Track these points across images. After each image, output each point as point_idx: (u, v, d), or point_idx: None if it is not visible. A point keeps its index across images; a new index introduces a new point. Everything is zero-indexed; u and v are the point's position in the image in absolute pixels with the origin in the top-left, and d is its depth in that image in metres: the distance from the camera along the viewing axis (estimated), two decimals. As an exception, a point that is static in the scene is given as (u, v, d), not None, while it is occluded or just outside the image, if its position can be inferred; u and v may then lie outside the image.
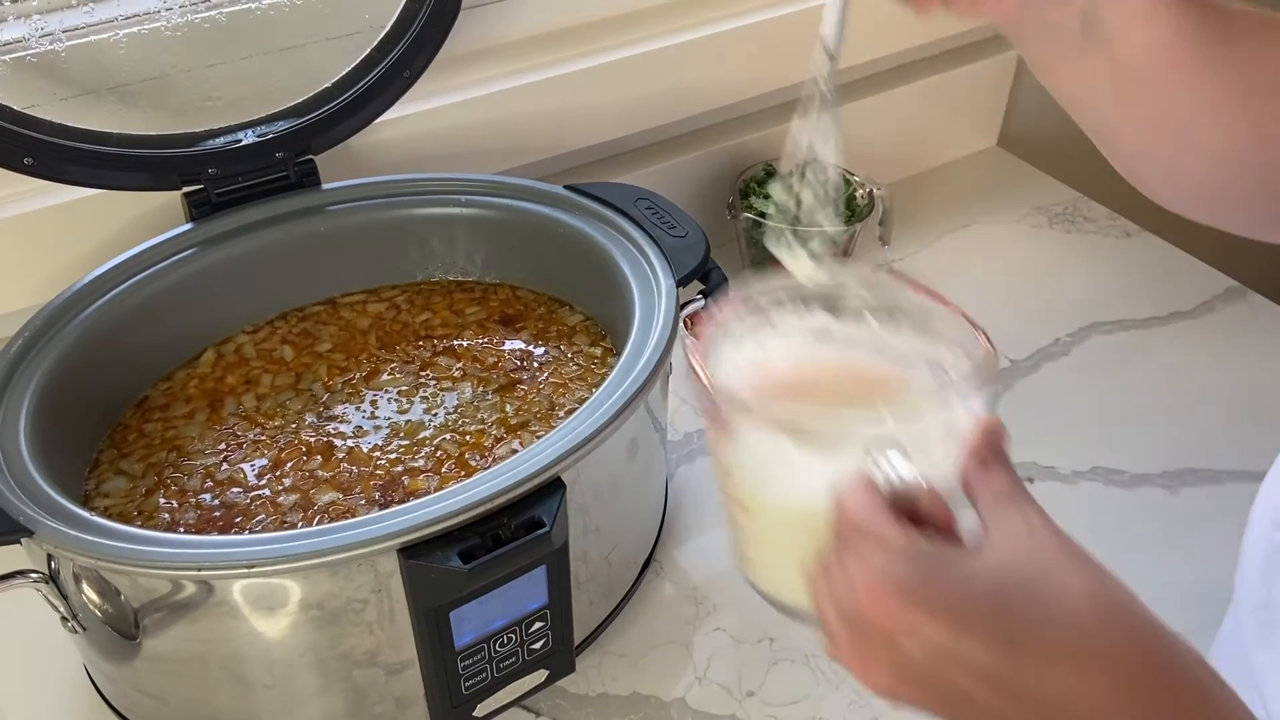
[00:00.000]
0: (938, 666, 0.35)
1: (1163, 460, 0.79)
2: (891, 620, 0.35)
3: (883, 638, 0.35)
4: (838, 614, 0.37)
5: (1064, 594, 0.35)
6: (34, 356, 0.61)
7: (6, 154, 0.63)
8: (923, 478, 0.38)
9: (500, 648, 0.57)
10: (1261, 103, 0.50)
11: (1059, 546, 0.38)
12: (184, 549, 0.49)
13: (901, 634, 0.35)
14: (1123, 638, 0.34)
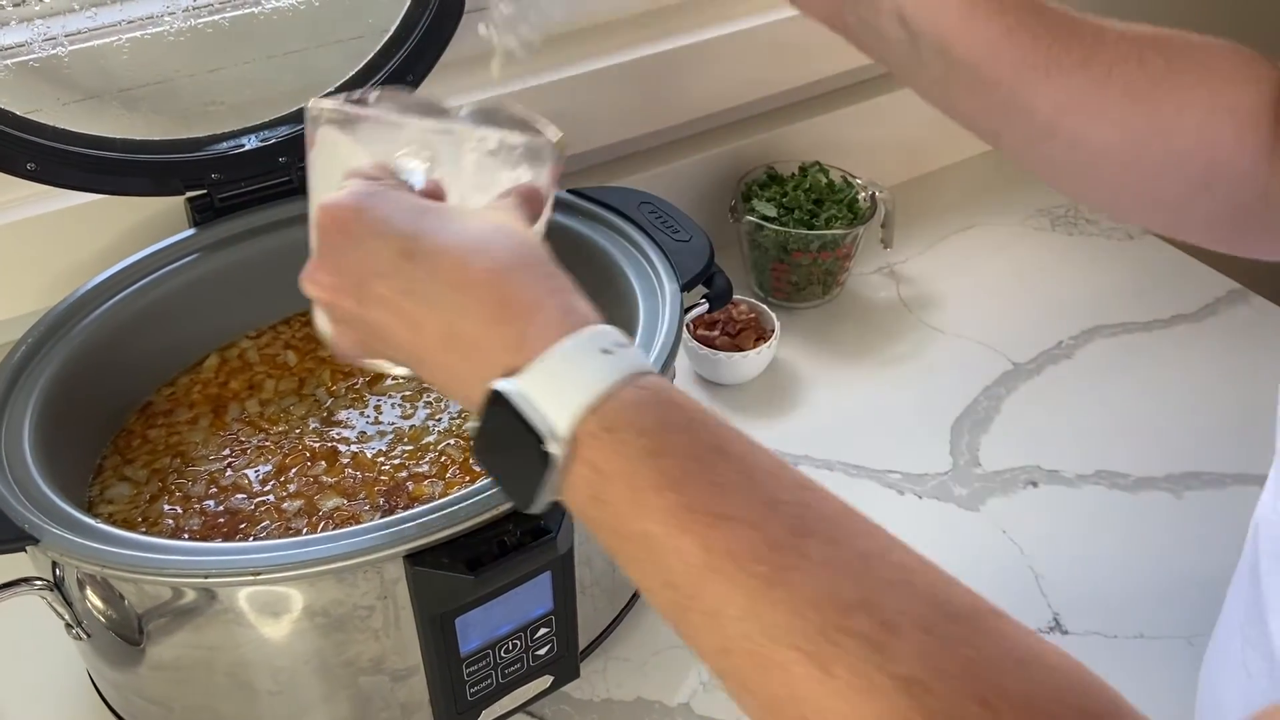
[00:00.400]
0: (374, 279, 0.41)
1: (1166, 464, 0.79)
2: (356, 226, 0.42)
3: (345, 245, 0.42)
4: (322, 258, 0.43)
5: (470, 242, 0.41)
6: (38, 363, 0.61)
7: (9, 159, 0.63)
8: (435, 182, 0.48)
9: (505, 654, 0.57)
10: (1141, 104, 0.54)
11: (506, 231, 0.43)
12: (190, 556, 0.49)
13: (362, 238, 0.42)
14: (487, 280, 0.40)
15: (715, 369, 0.86)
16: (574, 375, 0.37)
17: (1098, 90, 0.55)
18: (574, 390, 0.36)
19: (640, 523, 0.35)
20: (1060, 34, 0.55)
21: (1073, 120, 0.56)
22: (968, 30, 0.54)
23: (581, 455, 0.36)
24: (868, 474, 0.79)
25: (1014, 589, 0.71)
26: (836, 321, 0.94)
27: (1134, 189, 0.58)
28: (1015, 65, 0.55)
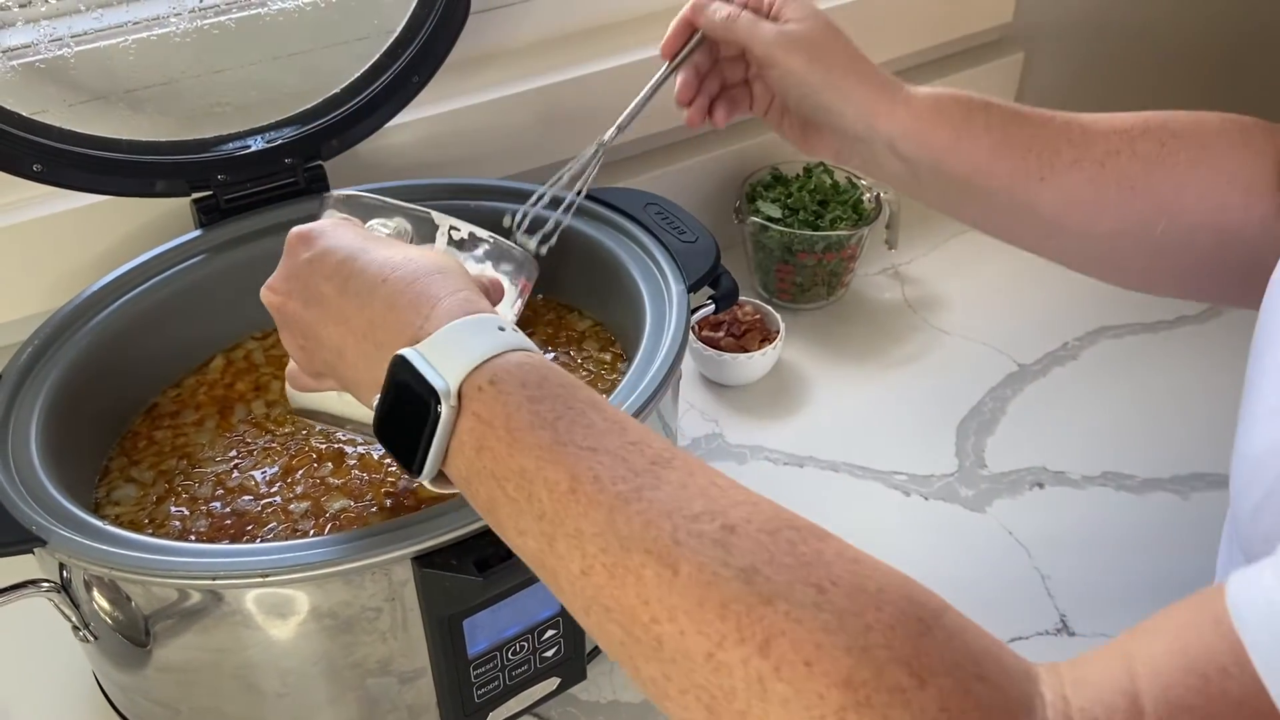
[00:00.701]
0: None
1: (1173, 465, 0.79)
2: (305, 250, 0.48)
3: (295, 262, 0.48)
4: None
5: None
6: (44, 364, 0.61)
7: (16, 161, 0.63)
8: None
9: (513, 656, 0.57)
10: (1139, 191, 0.57)
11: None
12: (198, 558, 0.49)
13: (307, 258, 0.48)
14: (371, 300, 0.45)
15: (720, 370, 0.86)
16: (466, 342, 0.41)
17: (1094, 186, 0.58)
18: (465, 353, 0.41)
19: (516, 459, 0.38)
20: (1048, 140, 0.59)
21: (1075, 216, 0.59)
22: (957, 153, 0.59)
23: (468, 409, 0.40)
24: (873, 475, 0.79)
25: (1020, 590, 0.71)
26: (841, 323, 0.94)
27: (1149, 266, 0.61)
28: (1009, 176, 0.59)
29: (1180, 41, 1.26)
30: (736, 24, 0.61)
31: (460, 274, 0.46)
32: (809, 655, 0.31)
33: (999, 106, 0.60)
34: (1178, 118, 0.59)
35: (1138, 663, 0.32)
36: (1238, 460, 0.43)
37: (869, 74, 0.60)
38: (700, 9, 0.62)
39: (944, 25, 1.05)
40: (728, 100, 0.66)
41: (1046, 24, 1.14)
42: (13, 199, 0.70)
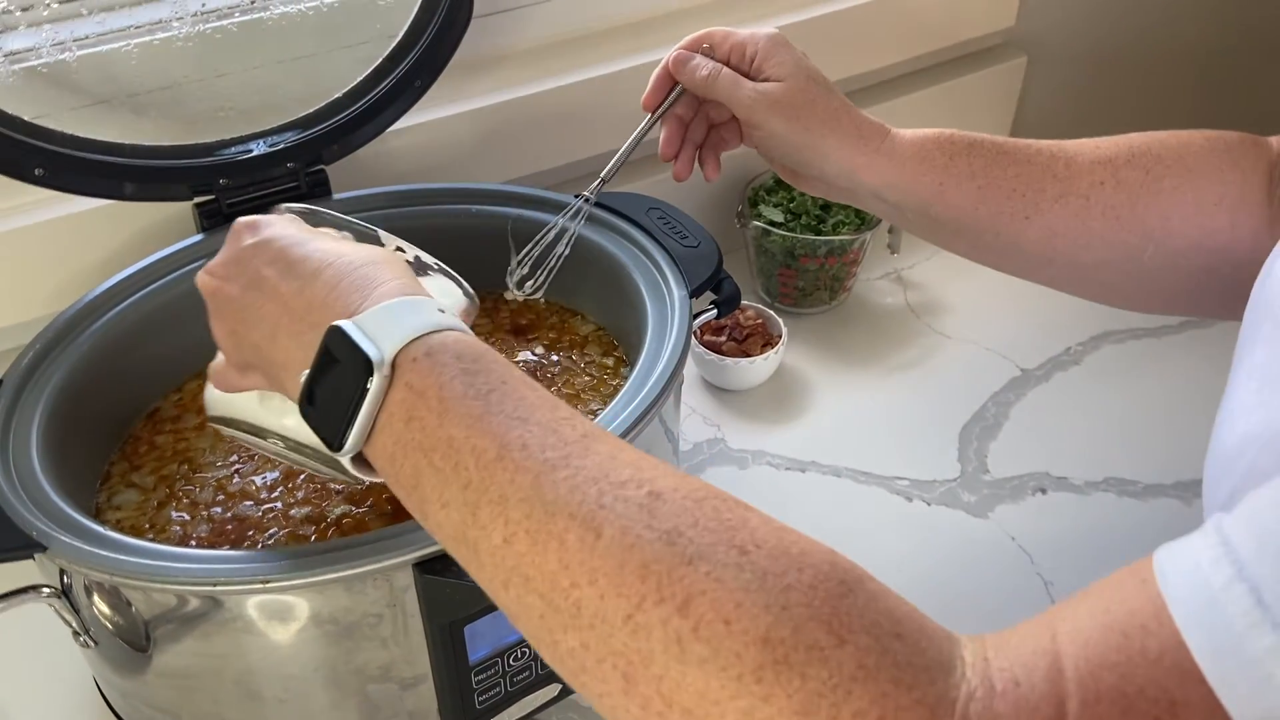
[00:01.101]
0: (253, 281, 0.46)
1: (1176, 471, 0.79)
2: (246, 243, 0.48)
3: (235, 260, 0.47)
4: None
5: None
6: (46, 368, 0.61)
7: (17, 165, 0.63)
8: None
9: (514, 662, 0.57)
10: (1125, 221, 0.58)
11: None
12: (199, 564, 0.49)
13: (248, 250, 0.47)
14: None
15: (722, 374, 0.85)
16: (404, 317, 0.41)
17: (1079, 220, 0.59)
18: (400, 327, 0.41)
19: (445, 429, 0.38)
20: (1032, 178, 0.59)
21: (1062, 249, 0.60)
22: (942, 199, 0.60)
23: (400, 380, 0.40)
24: (875, 480, 0.79)
25: (1023, 596, 0.70)
26: (843, 327, 0.94)
27: (1138, 288, 0.62)
28: (995, 217, 0.60)
29: (1183, 47, 1.25)
30: (717, 83, 0.61)
31: (402, 266, 0.46)
32: (728, 614, 0.31)
33: (982, 146, 0.60)
34: (1163, 141, 0.59)
35: (1060, 625, 0.32)
36: (1210, 460, 0.44)
37: (850, 128, 0.60)
38: (681, 64, 0.62)
39: (946, 30, 1.05)
40: (716, 141, 0.67)
41: (1049, 29, 1.14)
42: (15, 203, 0.70)
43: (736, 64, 0.62)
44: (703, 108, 0.66)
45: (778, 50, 0.61)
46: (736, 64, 0.62)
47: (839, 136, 0.60)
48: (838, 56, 0.98)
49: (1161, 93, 1.28)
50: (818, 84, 0.61)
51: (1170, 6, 1.22)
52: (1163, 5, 1.21)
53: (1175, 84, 1.28)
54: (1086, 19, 1.16)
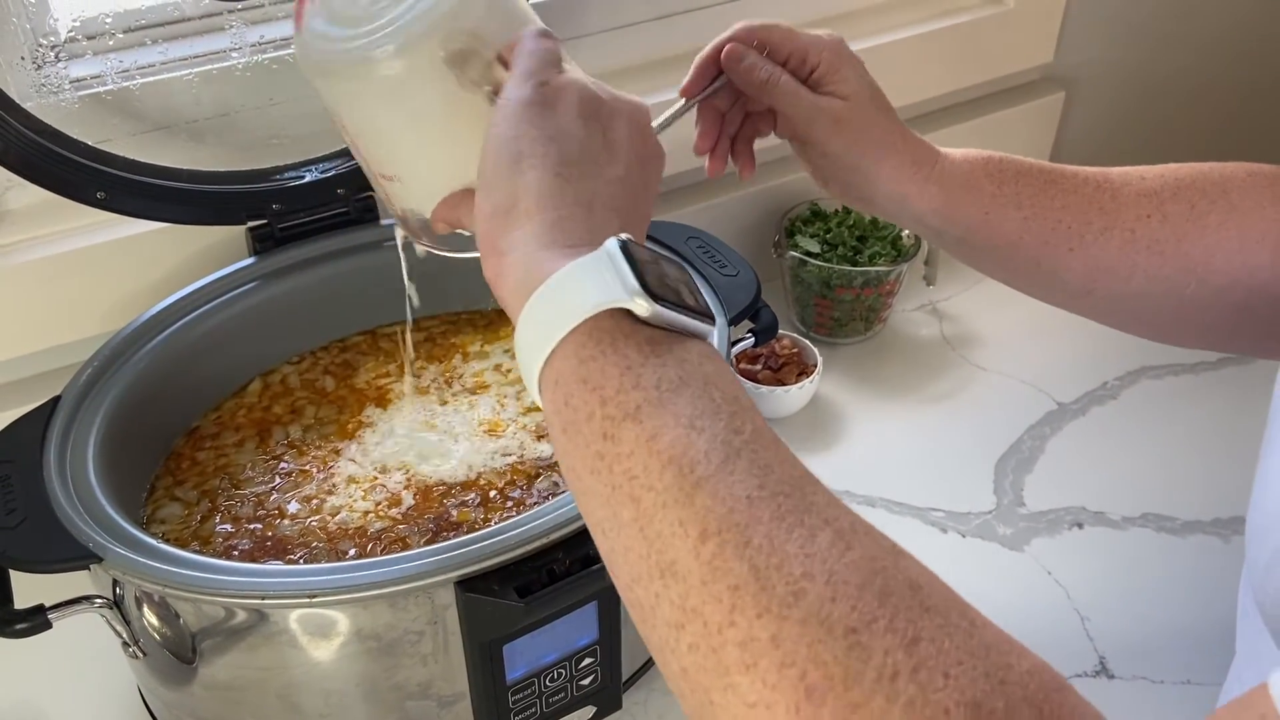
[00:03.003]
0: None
1: (1214, 508, 0.79)
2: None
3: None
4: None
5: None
6: (103, 385, 0.63)
7: (80, 188, 0.65)
8: None
9: (550, 683, 0.57)
10: (1169, 255, 0.57)
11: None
12: (248, 577, 0.50)
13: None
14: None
15: (758, 403, 0.86)
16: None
17: (1124, 254, 0.58)
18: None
19: (735, 389, 0.37)
20: (1078, 209, 0.58)
21: (1104, 282, 0.59)
22: (986, 227, 0.59)
23: (712, 345, 0.38)
24: (911, 511, 0.79)
25: (1059, 631, 0.70)
26: (879, 358, 0.94)
27: (1178, 324, 0.61)
28: (1039, 248, 0.59)
29: (1220, 83, 1.25)
30: (776, 90, 0.57)
31: None
32: (949, 668, 0.30)
33: (1030, 174, 0.59)
34: (1205, 174, 0.58)
35: None
36: (1253, 512, 0.43)
37: (906, 155, 0.58)
38: (735, 60, 0.57)
39: (985, 65, 1.06)
40: (749, 131, 0.62)
41: (1087, 64, 1.14)
42: (76, 225, 0.72)
43: (795, 69, 0.58)
44: (741, 98, 0.61)
45: (843, 64, 0.58)
46: (795, 69, 0.58)
47: (893, 163, 0.58)
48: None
49: (1199, 129, 1.27)
50: (879, 106, 0.58)
51: (1207, 43, 1.22)
52: (1200, 42, 1.21)
53: (1212, 120, 1.27)
54: (1124, 55, 1.17)
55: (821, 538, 0.32)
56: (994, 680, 0.30)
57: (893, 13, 1.01)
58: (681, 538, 0.33)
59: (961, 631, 0.31)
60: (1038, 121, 1.13)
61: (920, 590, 0.32)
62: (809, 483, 0.35)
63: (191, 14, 0.70)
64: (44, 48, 0.67)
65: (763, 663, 0.31)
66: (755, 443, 0.35)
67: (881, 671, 0.30)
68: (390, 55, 0.45)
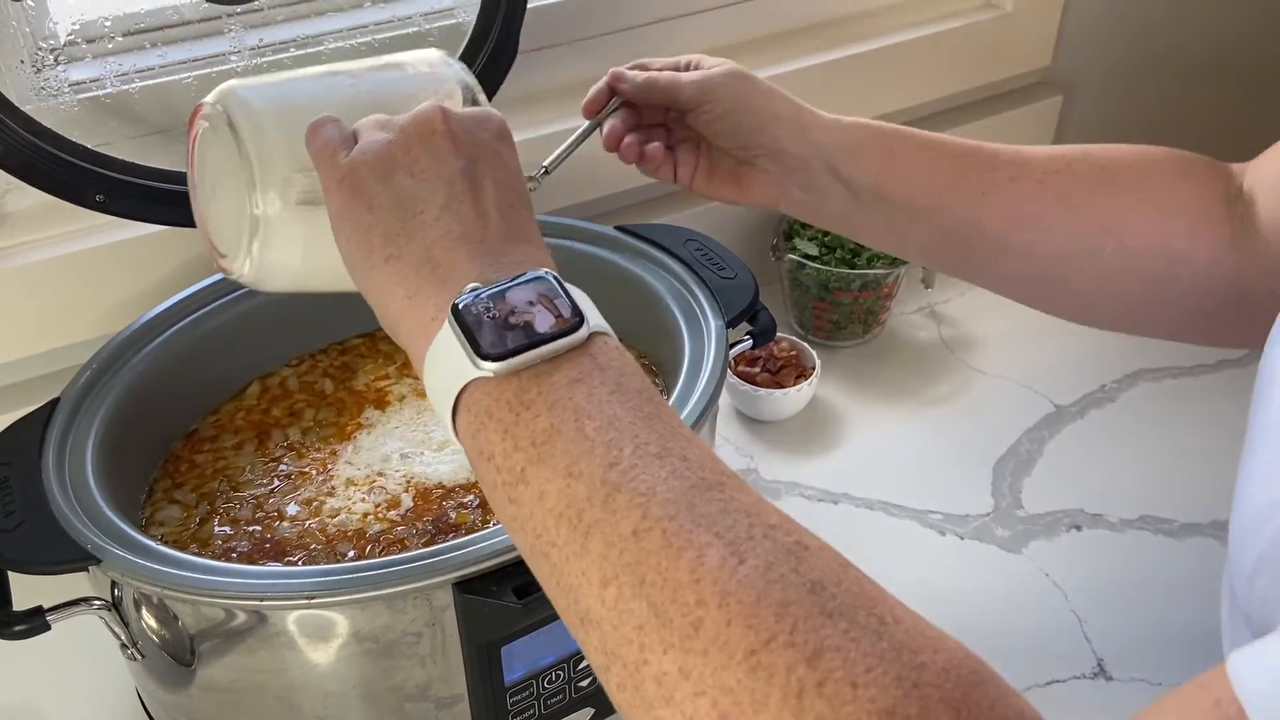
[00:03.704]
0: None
1: (1212, 510, 0.79)
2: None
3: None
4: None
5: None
6: (101, 387, 0.63)
7: (79, 190, 0.65)
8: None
9: (549, 684, 0.57)
10: (1081, 210, 0.58)
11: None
12: (247, 579, 0.50)
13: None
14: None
15: (756, 405, 0.86)
16: (596, 311, 0.40)
17: (1035, 201, 0.59)
18: (597, 314, 0.40)
19: (613, 407, 0.36)
20: (983, 160, 0.60)
21: (1021, 234, 0.59)
22: (894, 172, 0.60)
23: (586, 350, 0.38)
24: (908, 514, 0.79)
25: (1057, 633, 0.70)
26: (877, 361, 0.94)
27: (1099, 292, 0.60)
28: (947, 190, 0.60)
29: (1220, 87, 1.26)
30: (657, 81, 0.61)
31: None
32: (857, 677, 0.30)
33: (925, 132, 0.61)
34: (1119, 149, 0.60)
35: None
36: (1235, 518, 0.43)
37: (793, 100, 0.61)
38: (620, 78, 0.63)
39: (981, 69, 1.06)
40: (678, 138, 0.65)
41: (1085, 68, 1.15)
42: (76, 228, 0.72)
43: (672, 69, 0.63)
44: (640, 131, 0.64)
45: (708, 57, 0.62)
46: (672, 69, 0.63)
47: (786, 100, 0.61)
48: (871, 94, 1.00)
49: (1196, 134, 1.28)
50: (752, 74, 0.62)
51: (1205, 48, 1.22)
52: (1198, 46, 1.22)
53: (1210, 125, 1.28)
54: (1122, 59, 1.17)
55: (711, 556, 0.32)
56: (906, 684, 0.30)
57: (890, 16, 1.01)
58: (587, 587, 0.34)
59: (870, 633, 0.31)
60: (1035, 125, 1.13)
61: (823, 592, 0.32)
62: (700, 490, 0.34)
63: (190, 18, 0.71)
64: (43, 51, 0.67)
65: (677, 695, 0.31)
66: (635, 467, 0.35)
67: (786, 690, 0.30)
68: (266, 243, 0.49)
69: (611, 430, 0.36)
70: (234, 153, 0.48)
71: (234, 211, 0.49)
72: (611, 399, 0.37)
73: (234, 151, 0.48)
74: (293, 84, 0.51)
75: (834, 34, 0.99)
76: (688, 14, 0.91)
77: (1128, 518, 0.78)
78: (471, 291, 0.38)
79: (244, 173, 0.48)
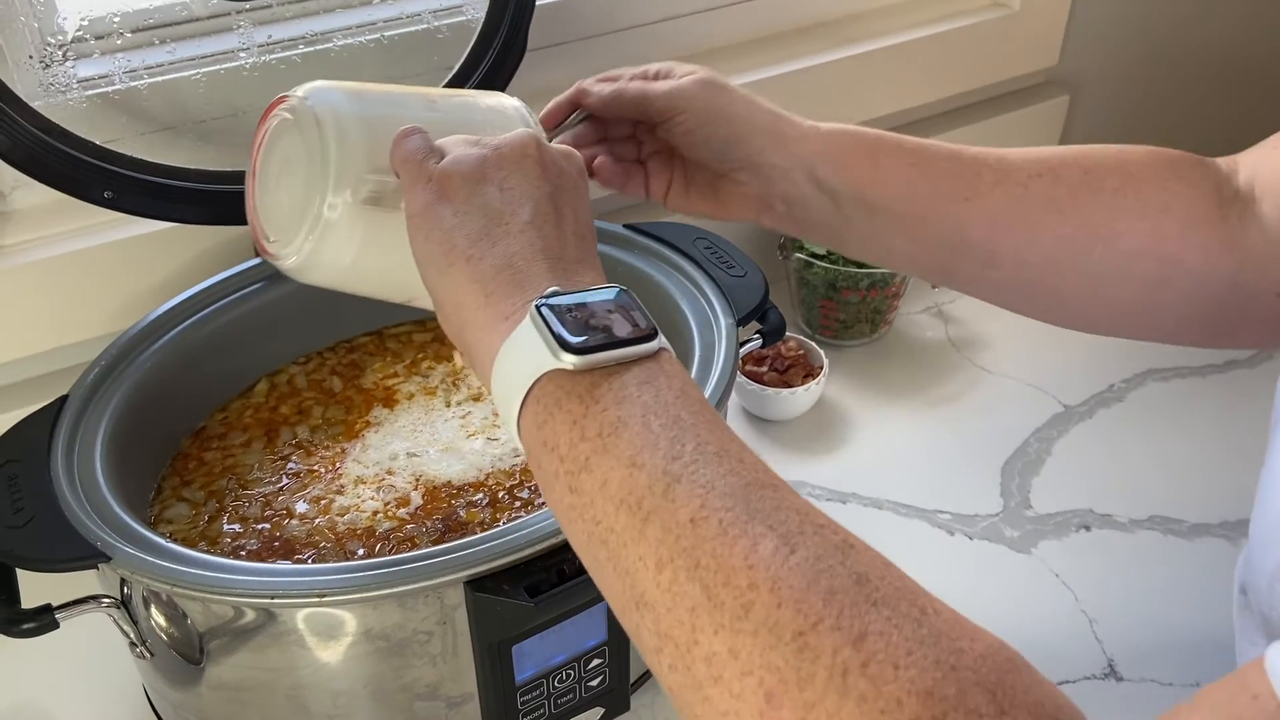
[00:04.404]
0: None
1: (1221, 510, 0.78)
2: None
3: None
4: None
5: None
6: (109, 385, 0.63)
7: (87, 187, 0.65)
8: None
9: (559, 684, 0.57)
10: (1068, 213, 0.57)
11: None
12: (257, 576, 0.50)
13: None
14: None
15: (763, 405, 0.86)
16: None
17: (1019, 206, 0.57)
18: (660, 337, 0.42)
19: (677, 409, 0.39)
20: (967, 164, 0.58)
21: (1007, 240, 0.58)
22: (877, 178, 0.58)
23: (654, 359, 0.40)
24: (917, 513, 0.79)
25: (1067, 634, 0.70)
26: (884, 360, 0.94)
27: (1092, 297, 0.59)
28: (931, 197, 0.58)
29: (1227, 85, 1.26)
30: (624, 92, 0.58)
31: None
32: (899, 659, 0.31)
33: (907, 137, 0.59)
34: (1103, 149, 0.58)
35: None
36: (1257, 522, 0.43)
37: (770, 106, 0.59)
38: (584, 91, 0.60)
39: (988, 69, 1.06)
40: (649, 151, 0.62)
41: (1092, 68, 1.14)
42: (84, 224, 0.72)
43: (640, 79, 0.60)
44: (605, 144, 0.62)
45: (680, 65, 0.60)
46: (640, 79, 0.60)
47: (762, 109, 0.58)
48: (877, 94, 1.00)
49: (1203, 133, 1.27)
50: (725, 82, 0.59)
51: (1212, 47, 1.22)
52: (1204, 45, 1.21)
53: (1217, 124, 1.27)
54: (1129, 58, 1.17)
55: (764, 545, 0.34)
56: (945, 667, 0.31)
57: (896, 16, 1.01)
58: (643, 571, 0.36)
59: (911, 621, 0.32)
60: (1042, 125, 1.13)
61: (867, 584, 0.33)
62: (755, 488, 0.36)
63: (200, 14, 0.70)
64: (52, 47, 0.67)
65: (726, 674, 0.33)
66: (695, 462, 0.37)
67: (832, 670, 0.31)
68: (324, 237, 0.49)
69: (675, 428, 0.38)
70: (314, 147, 0.49)
71: (297, 202, 0.50)
72: (677, 402, 0.39)
73: (314, 146, 0.49)
74: (376, 95, 0.52)
75: (839, 33, 0.98)
76: (695, 12, 0.91)
77: (1137, 518, 0.78)
78: (553, 293, 0.41)
79: (319, 169, 0.49)
